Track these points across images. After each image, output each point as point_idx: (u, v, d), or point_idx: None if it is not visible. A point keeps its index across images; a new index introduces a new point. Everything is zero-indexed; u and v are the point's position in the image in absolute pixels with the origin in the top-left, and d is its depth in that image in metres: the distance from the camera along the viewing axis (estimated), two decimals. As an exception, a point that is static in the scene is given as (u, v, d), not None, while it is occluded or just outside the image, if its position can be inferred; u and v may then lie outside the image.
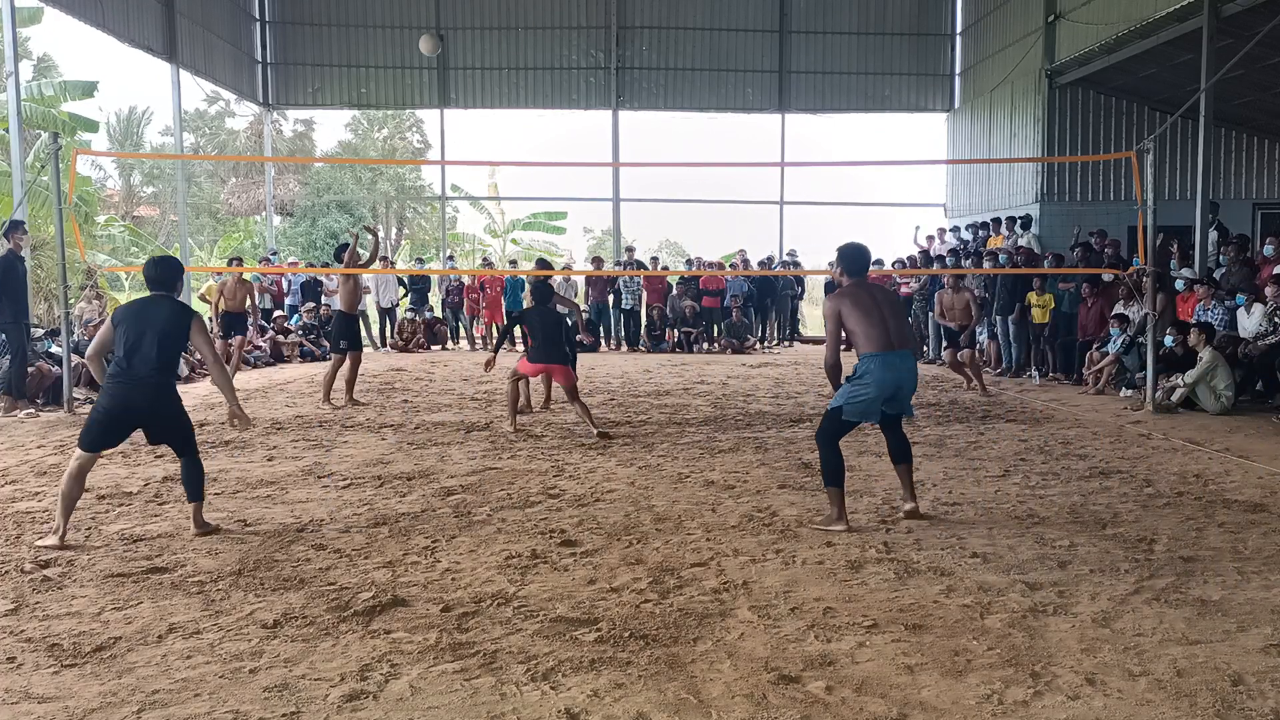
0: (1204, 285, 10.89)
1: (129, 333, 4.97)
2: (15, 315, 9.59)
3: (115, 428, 5.02)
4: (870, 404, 5.13)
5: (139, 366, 4.93)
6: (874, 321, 5.10)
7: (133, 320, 5.01)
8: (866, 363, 5.08)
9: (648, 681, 3.30)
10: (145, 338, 4.94)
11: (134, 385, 4.93)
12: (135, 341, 4.94)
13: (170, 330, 5.02)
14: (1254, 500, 5.93)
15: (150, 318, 5.02)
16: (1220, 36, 12.00)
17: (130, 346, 4.94)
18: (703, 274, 18.34)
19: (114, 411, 4.96)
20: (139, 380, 4.93)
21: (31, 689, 3.27)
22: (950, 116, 21.53)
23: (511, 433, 8.38)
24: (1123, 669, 3.40)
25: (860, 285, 5.28)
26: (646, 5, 21.02)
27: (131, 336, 4.96)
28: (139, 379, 4.93)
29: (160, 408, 5.03)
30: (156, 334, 4.96)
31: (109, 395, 4.96)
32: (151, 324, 4.98)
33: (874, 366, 5.06)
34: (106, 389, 4.98)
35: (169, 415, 5.09)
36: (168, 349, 5.01)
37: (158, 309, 5.07)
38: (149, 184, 33.06)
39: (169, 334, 5.00)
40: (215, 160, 32.41)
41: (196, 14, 17.64)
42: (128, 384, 4.93)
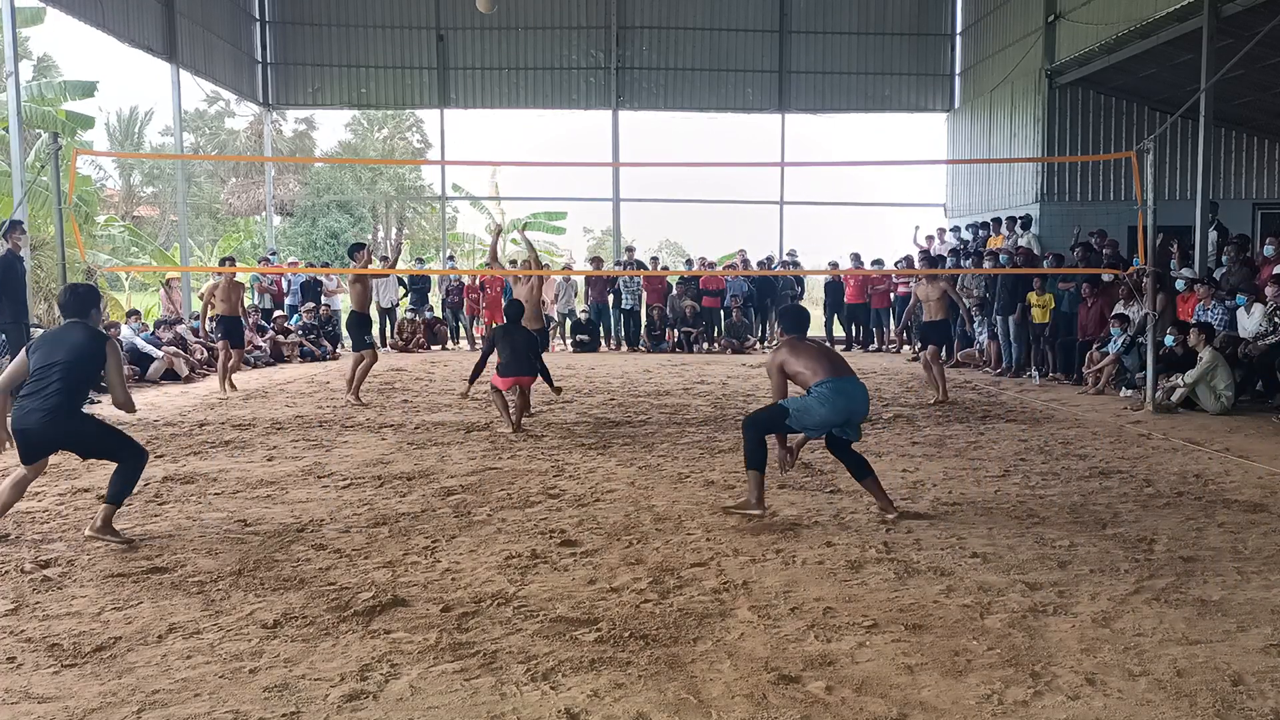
0: (1204, 285, 10.89)
1: (39, 361, 5.00)
2: (15, 315, 9.60)
3: (32, 450, 5.01)
4: (822, 421, 5.28)
5: (40, 394, 4.92)
6: (817, 357, 5.41)
7: (45, 348, 5.05)
8: (820, 387, 5.27)
9: (648, 681, 3.30)
10: (54, 366, 4.96)
11: (34, 414, 4.91)
12: (44, 369, 4.96)
13: (79, 357, 5.01)
14: (1254, 500, 5.94)
15: (60, 345, 5.04)
16: (1220, 36, 12.00)
17: (38, 373, 4.97)
18: (703, 274, 18.35)
19: (21, 436, 4.96)
20: (39, 409, 4.90)
21: (31, 689, 3.27)
22: (950, 116, 21.53)
23: (511, 433, 8.38)
24: (1123, 669, 3.40)
25: (797, 339, 5.63)
26: (646, 5, 21.01)
27: (40, 364, 4.99)
28: (38, 408, 4.91)
29: (56, 432, 4.98)
30: (64, 361, 4.97)
31: (16, 419, 4.98)
32: (59, 351, 5.00)
33: (828, 391, 5.24)
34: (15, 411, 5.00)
35: (73, 435, 5.06)
36: (74, 375, 4.99)
37: (69, 335, 5.09)
38: (149, 184, 33.08)
39: (77, 361, 5.00)
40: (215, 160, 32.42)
41: (196, 14, 17.64)
42: (29, 411, 4.92)
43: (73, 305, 5.23)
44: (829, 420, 5.27)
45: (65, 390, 4.95)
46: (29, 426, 4.93)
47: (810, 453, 7.51)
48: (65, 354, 4.99)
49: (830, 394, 5.22)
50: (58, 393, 4.93)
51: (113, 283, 22.28)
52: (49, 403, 4.92)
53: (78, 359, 5.01)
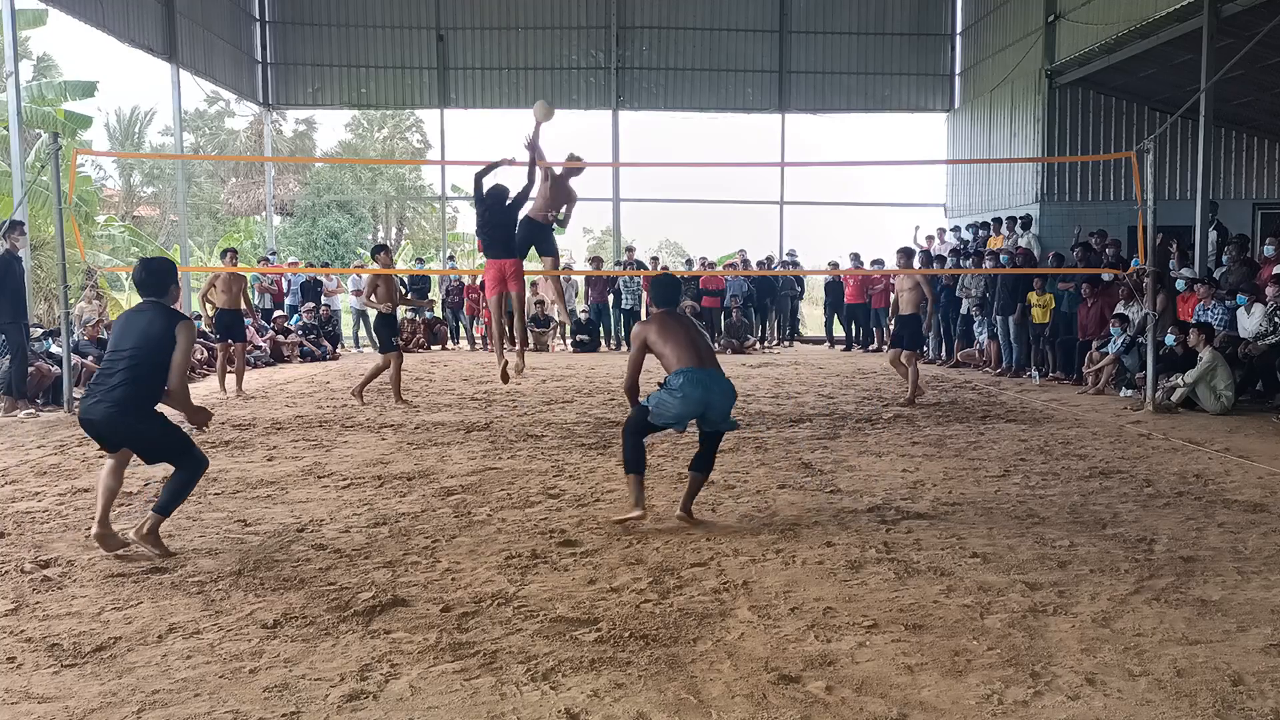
0: (1204, 285, 10.89)
1: (110, 345, 4.71)
2: (14, 315, 9.59)
3: (104, 442, 4.75)
4: (677, 416, 5.15)
5: (106, 384, 4.60)
6: (682, 343, 5.19)
7: (116, 332, 4.74)
8: (677, 377, 5.12)
9: (648, 681, 3.30)
10: (121, 352, 4.61)
11: (100, 405, 4.59)
12: (112, 355, 4.65)
13: (147, 343, 4.59)
14: (1254, 500, 5.94)
15: (130, 329, 4.68)
16: (1220, 36, 12.00)
17: (108, 360, 4.66)
18: (703, 274, 18.34)
19: (88, 428, 4.68)
20: (100, 397, 4.59)
21: (31, 689, 3.27)
22: (950, 116, 21.53)
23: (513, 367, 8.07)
24: (1123, 669, 3.40)
25: (669, 314, 5.40)
26: (646, 5, 21.01)
27: (110, 350, 4.68)
28: (100, 396, 4.59)
29: (121, 426, 4.60)
30: (131, 348, 4.60)
31: (83, 408, 4.68)
32: (129, 336, 4.64)
33: (683, 382, 5.09)
34: (82, 400, 4.72)
35: (135, 435, 4.65)
36: (142, 364, 4.58)
37: (139, 318, 4.71)
38: (149, 184, 33.08)
39: (145, 348, 4.59)
40: (215, 160, 32.42)
41: (196, 14, 17.64)
42: (96, 402, 4.60)
43: (148, 282, 4.76)
44: (684, 413, 5.12)
45: (131, 381, 4.55)
46: (94, 418, 4.58)
47: (810, 452, 7.51)
48: (134, 339, 4.59)
49: (685, 385, 5.06)
50: (123, 383, 4.54)
51: (113, 283, 22.27)
52: (114, 394, 4.55)
53: (146, 345, 4.58)
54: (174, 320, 4.65)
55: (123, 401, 4.54)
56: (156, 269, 4.82)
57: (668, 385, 5.12)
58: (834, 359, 16.19)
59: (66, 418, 9.33)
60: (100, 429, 4.61)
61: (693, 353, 5.15)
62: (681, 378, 5.08)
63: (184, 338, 4.62)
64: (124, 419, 4.58)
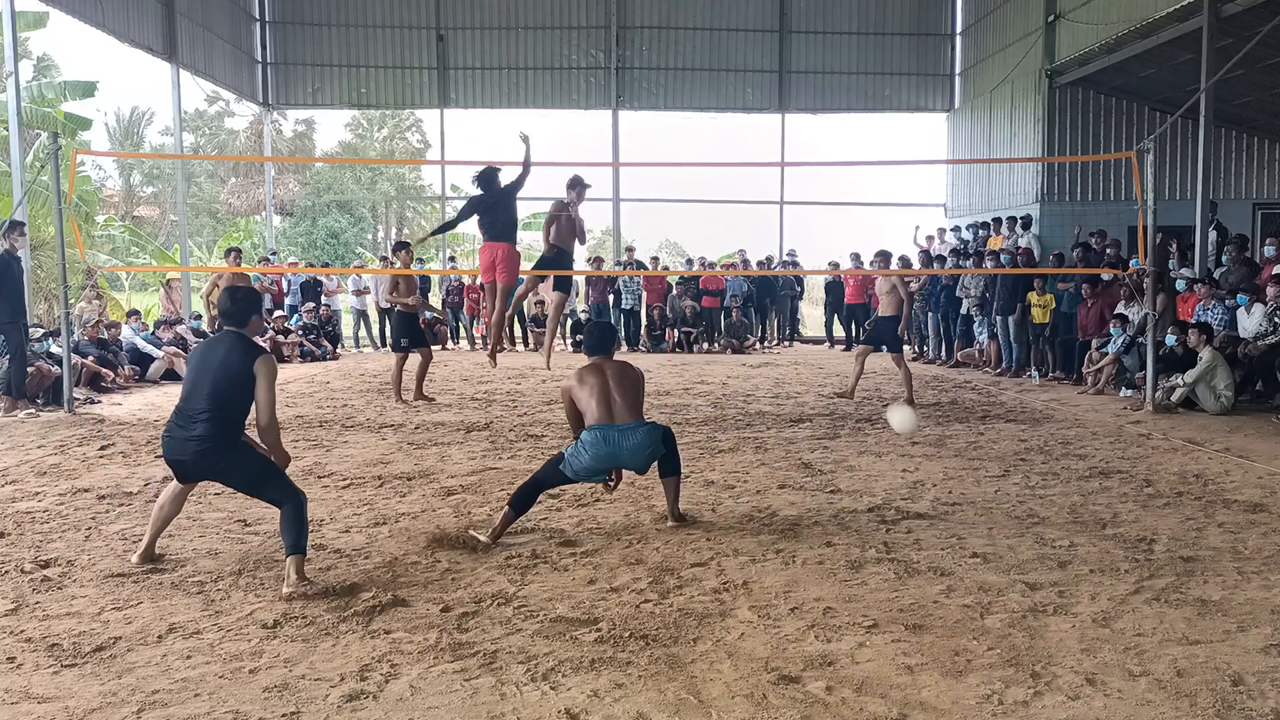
0: (1204, 285, 10.89)
1: (188, 376, 4.52)
2: (13, 315, 9.59)
3: (187, 478, 4.58)
4: (588, 469, 5.12)
5: (190, 420, 4.39)
6: (598, 399, 5.17)
7: (195, 362, 4.55)
8: (588, 434, 5.12)
9: (648, 681, 3.30)
10: (200, 386, 4.40)
11: (188, 445, 4.38)
12: (191, 387, 4.45)
13: (226, 378, 4.38)
14: (1254, 500, 5.93)
15: (208, 362, 4.45)
16: (1220, 36, 12.00)
17: (189, 389, 4.46)
18: (703, 274, 18.34)
19: (176, 467, 4.51)
20: (192, 439, 4.37)
21: (31, 689, 3.27)
22: (950, 116, 21.53)
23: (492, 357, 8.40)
24: (1123, 669, 3.40)
25: (594, 365, 5.36)
26: (646, 5, 21.01)
27: (190, 378, 4.50)
28: (186, 435, 4.38)
29: (215, 464, 4.41)
30: (212, 383, 4.38)
31: (167, 446, 4.48)
32: (207, 369, 4.43)
33: (591, 439, 5.09)
34: (164, 436, 4.52)
35: (231, 467, 4.45)
36: (223, 400, 4.37)
37: (217, 350, 4.48)
38: (149, 184, 33.11)
39: (224, 383, 4.37)
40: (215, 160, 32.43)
41: (196, 14, 17.64)
42: (183, 441, 4.39)
43: (231, 313, 4.58)
44: (594, 467, 5.09)
45: (215, 417, 4.35)
46: (183, 459, 4.41)
47: (810, 452, 7.51)
48: (213, 373, 4.39)
49: (594, 442, 5.04)
50: (208, 420, 4.34)
51: (113, 283, 22.27)
52: (198, 430, 4.34)
53: (226, 377, 4.38)
54: (253, 355, 4.42)
55: (209, 439, 4.35)
56: (240, 298, 4.62)
57: (580, 440, 5.14)
58: (834, 359, 16.18)
59: (67, 418, 9.33)
60: (190, 470, 4.47)
61: (605, 409, 5.13)
62: (591, 434, 5.09)
63: (263, 373, 4.39)
64: (216, 455, 4.39)
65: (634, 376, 5.34)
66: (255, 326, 4.64)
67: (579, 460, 5.09)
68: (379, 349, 17.71)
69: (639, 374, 5.39)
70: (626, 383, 5.27)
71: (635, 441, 5.09)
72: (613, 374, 5.28)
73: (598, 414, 5.13)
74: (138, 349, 12.52)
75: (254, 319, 4.63)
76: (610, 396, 5.19)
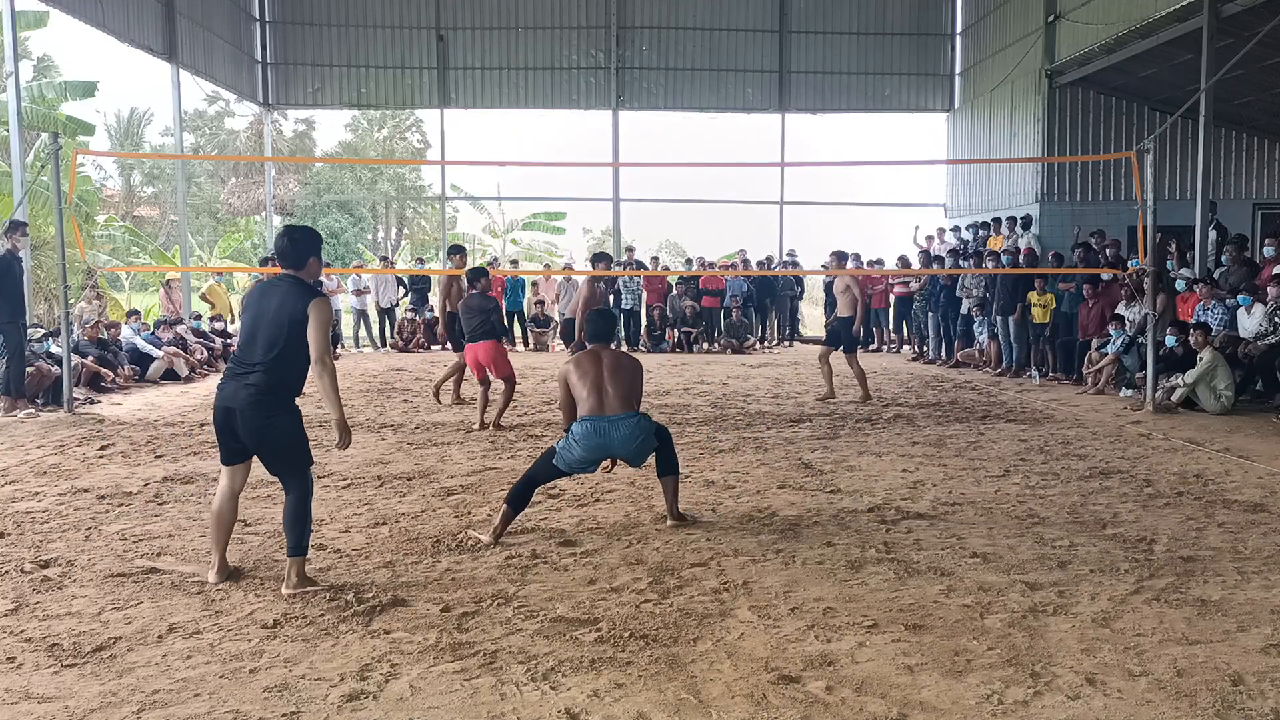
0: (1204, 285, 10.89)
1: (245, 321, 4.33)
2: (13, 315, 9.59)
3: (225, 430, 4.31)
4: (581, 461, 5.14)
5: (243, 365, 4.24)
6: (590, 388, 5.18)
7: (251, 308, 4.33)
8: (579, 425, 5.13)
9: (648, 681, 3.30)
10: (256, 330, 4.23)
11: (235, 387, 4.22)
12: (249, 332, 4.27)
13: (281, 320, 4.16)
14: (1254, 500, 5.93)
15: (264, 309, 4.25)
16: (1220, 36, 12.00)
17: (245, 338, 4.30)
18: (703, 274, 18.34)
19: (217, 410, 4.30)
20: (240, 383, 4.21)
21: (31, 689, 3.27)
22: (950, 116, 21.53)
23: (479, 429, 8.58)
24: (1123, 669, 3.40)
25: (592, 352, 5.36)
26: (646, 5, 21.01)
27: (246, 326, 4.31)
28: (239, 382, 4.22)
29: (256, 415, 4.18)
30: (266, 324, 4.20)
31: (220, 395, 4.30)
32: (263, 316, 4.24)
33: (581, 431, 5.10)
34: (219, 387, 4.34)
35: (273, 427, 4.22)
36: (277, 343, 4.16)
37: (271, 296, 4.26)
38: (149, 184, 33.10)
39: (281, 323, 4.16)
40: (215, 160, 32.43)
41: (196, 14, 17.64)
42: (237, 388, 4.22)
43: (288, 253, 4.32)
44: (586, 458, 5.10)
45: (273, 367, 4.17)
46: (235, 406, 4.19)
47: (810, 452, 7.51)
48: (269, 320, 4.19)
49: (585, 434, 5.06)
50: (265, 370, 4.17)
51: (113, 283, 22.28)
52: (254, 378, 4.17)
53: (281, 325, 4.16)
54: (307, 297, 4.19)
55: (267, 387, 4.17)
56: (299, 238, 4.36)
57: (571, 431, 5.16)
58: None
59: (66, 418, 9.33)
60: (239, 419, 4.20)
61: (596, 399, 5.14)
62: (581, 426, 5.10)
63: (315, 314, 4.15)
64: (266, 408, 4.18)
65: (629, 367, 5.33)
66: (313, 270, 4.37)
67: (570, 453, 5.10)
68: (379, 349, 17.70)
69: (635, 365, 5.38)
70: (621, 374, 5.26)
71: (624, 432, 5.09)
72: (608, 364, 5.27)
73: (590, 404, 5.14)
74: (137, 349, 12.51)
75: (311, 261, 4.36)
76: (603, 387, 5.19)
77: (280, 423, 4.22)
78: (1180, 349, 10.07)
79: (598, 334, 5.48)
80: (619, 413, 5.14)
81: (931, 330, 15.65)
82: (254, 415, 4.17)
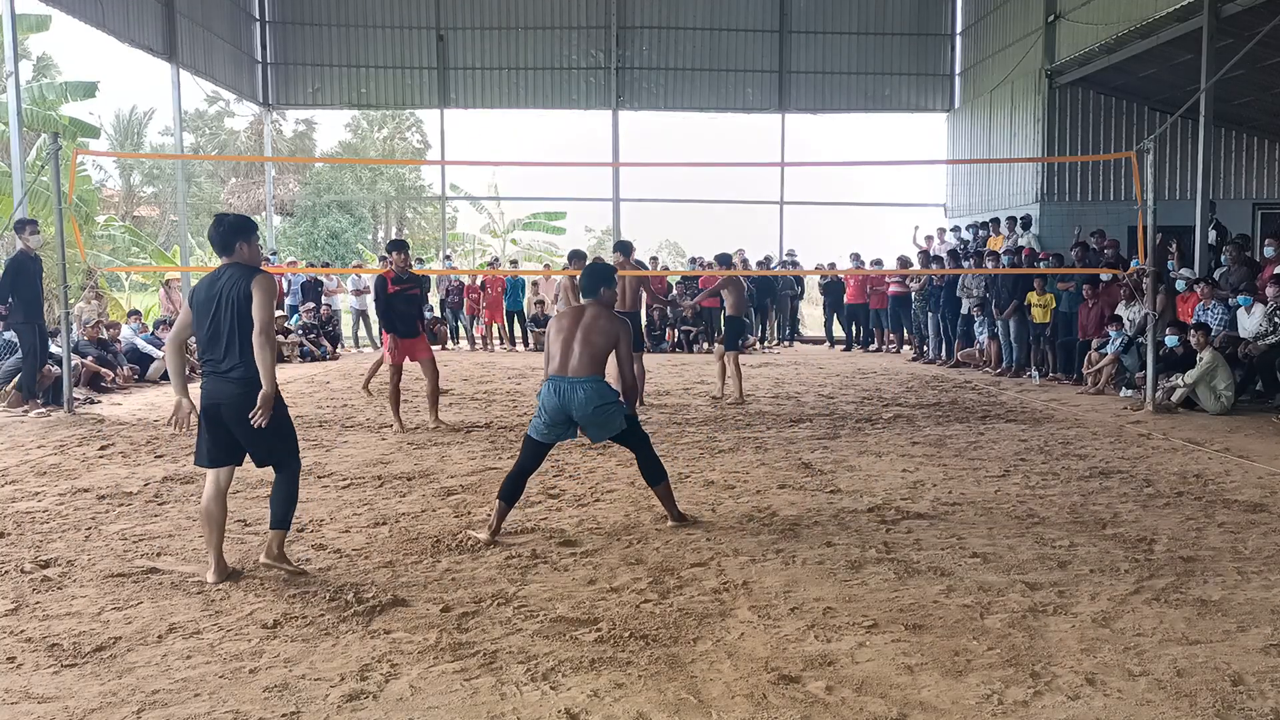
0: (1204, 285, 10.88)
1: (197, 318, 4.34)
2: (27, 315, 9.57)
3: (215, 426, 4.34)
4: (546, 426, 5.08)
5: (214, 361, 4.29)
6: (561, 346, 5.11)
7: (197, 304, 4.34)
8: (543, 386, 5.10)
9: (648, 681, 3.30)
10: (217, 321, 4.26)
11: (216, 382, 4.29)
12: (208, 328, 4.29)
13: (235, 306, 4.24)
14: (1254, 500, 5.93)
15: (212, 298, 4.29)
16: (1220, 36, 12.00)
17: (207, 334, 4.30)
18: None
19: (205, 409, 4.32)
20: (220, 378, 4.28)
21: (31, 689, 3.27)
22: (950, 116, 21.53)
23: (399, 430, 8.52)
24: (1123, 669, 3.40)
25: (577, 309, 5.24)
26: (646, 5, 21.02)
27: (200, 322, 4.32)
28: (223, 373, 4.27)
29: (245, 406, 4.24)
30: (223, 314, 4.26)
31: (202, 390, 4.35)
32: (214, 303, 4.28)
33: (543, 392, 5.08)
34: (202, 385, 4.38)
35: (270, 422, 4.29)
36: (245, 331, 4.23)
37: (217, 284, 4.32)
38: (149, 184, 33.11)
39: (236, 310, 4.24)
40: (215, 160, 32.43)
41: (196, 14, 17.64)
42: (218, 384, 4.28)
43: (215, 240, 4.39)
44: (549, 421, 5.03)
45: (246, 358, 4.23)
46: (221, 401, 4.25)
47: (810, 452, 7.51)
48: (224, 312, 4.24)
49: (545, 394, 5.04)
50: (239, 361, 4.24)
51: (113, 283, 22.26)
52: (238, 373, 4.24)
53: (237, 314, 4.23)
54: (250, 275, 4.29)
55: (248, 378, 4.23)
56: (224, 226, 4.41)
57: (539, 396, 5.14)
58: (834, 359, 16.20)
59: (66, 418, 9.33)
60: (228, 413, 4.27)
61: (561, 359, 5.07)
62: (544, 386, 5.09)
63: (259, 289, 4.23)
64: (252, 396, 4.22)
65: (605, 330, 5.09)
66: (244, 254, 4.39)
67: (537, 419, 5.09)
68: (378, 349, 17.68)
69: (613, 329, 5.10)
70: (594, 336, 5.07)
71: (583, 395, 4.98)
72: (585, 324, 5.11)
73: (556, 363, 5.08)
74: (137, 349, 12.52)
75: (239, 245, 4.38)
76: (571, 347, 5.08)
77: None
78: (1180, 349, 10.07)
79: (586, 288, 5.31)
80: (581, 375, 5.02)
81: (931, 330, 15.65)
82: (243, 406, 4.24)
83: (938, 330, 15.46)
